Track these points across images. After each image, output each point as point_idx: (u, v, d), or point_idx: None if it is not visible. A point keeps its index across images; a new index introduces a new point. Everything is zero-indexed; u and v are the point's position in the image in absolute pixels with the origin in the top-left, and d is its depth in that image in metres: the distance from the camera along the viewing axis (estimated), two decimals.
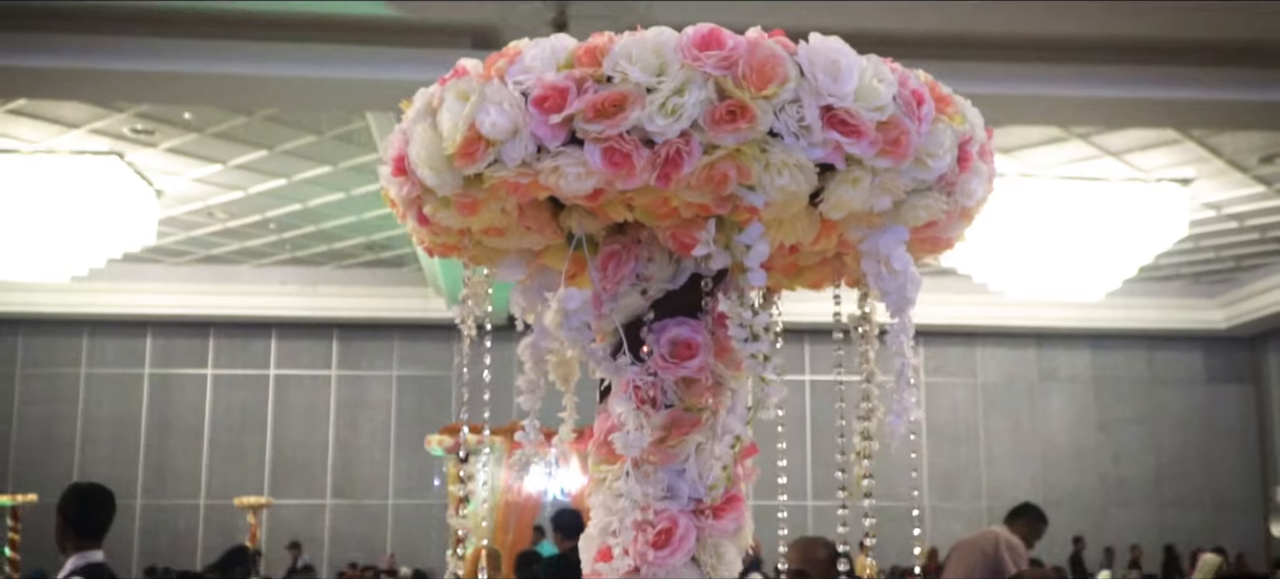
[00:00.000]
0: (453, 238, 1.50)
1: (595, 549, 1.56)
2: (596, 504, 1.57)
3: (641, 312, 1.48)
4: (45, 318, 15.01)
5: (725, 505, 1.53)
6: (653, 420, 1.45)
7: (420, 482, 15.41)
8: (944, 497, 16.04)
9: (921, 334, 11.64)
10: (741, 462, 1.60)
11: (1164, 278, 14.39)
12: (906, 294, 1.38)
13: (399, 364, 16.10)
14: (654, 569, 1.49)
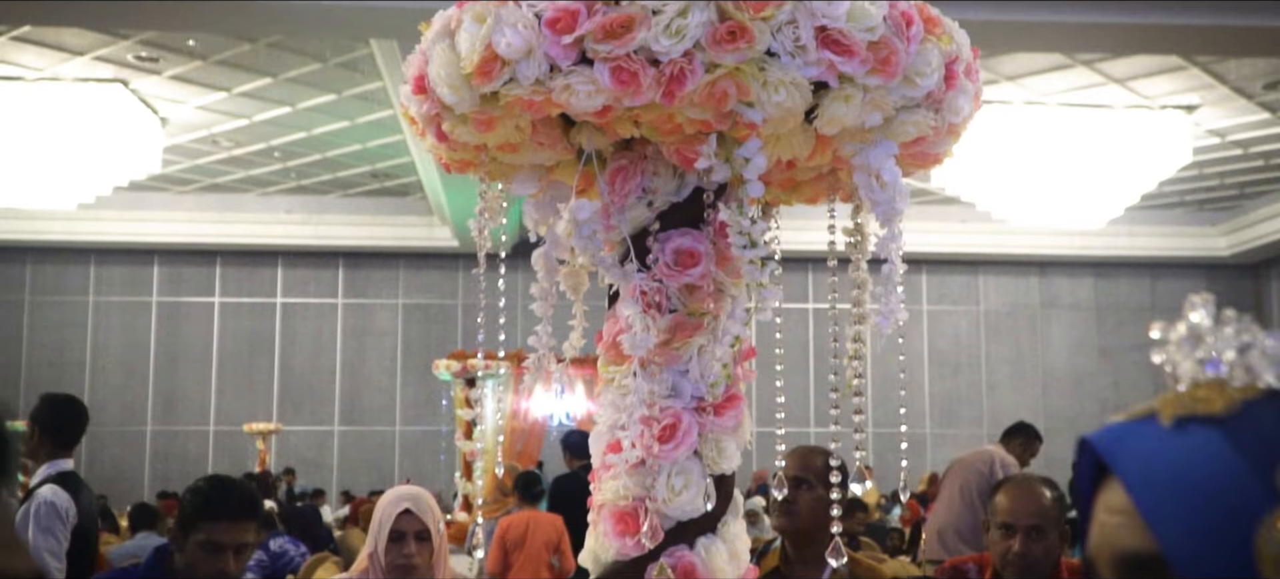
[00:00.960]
0: (469, 153, 1.59)
1: (604, 444, 1.68)
2: (605, 402, 1.68)
3: (647, 222, 1.58)
4: (52, 246, 15.11)
5: (726, 403, 1.65)
6: (658, 324, 1.56)
7: (427, 408, 15.60)
8: (945, 424, 16.22)
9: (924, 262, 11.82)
10: (741, 362, 1.71)
11: (1167, 205, 14.42)
12: (896, 205, 1.48)
13: (405, 292, 16.21)
14: (659, 461, 1.60)
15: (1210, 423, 0.53)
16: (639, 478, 1.63)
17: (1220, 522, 0.49)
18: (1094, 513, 0.55)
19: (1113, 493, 0.54)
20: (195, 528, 2.33)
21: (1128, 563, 0.53)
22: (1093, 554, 0.55)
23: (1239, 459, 0.51)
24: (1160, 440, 0.53)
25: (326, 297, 16.19)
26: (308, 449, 15.79)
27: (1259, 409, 0.52)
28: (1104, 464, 0.54)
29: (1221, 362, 0.54)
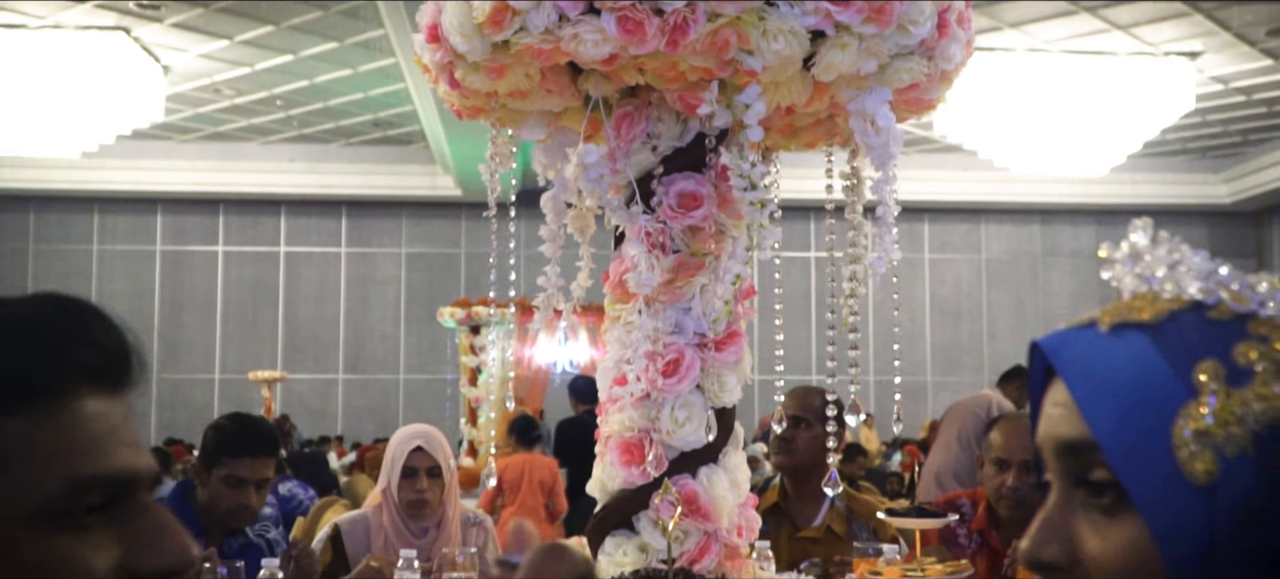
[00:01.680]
0: (481, 100, 1.65)
1: (611, 378, 1.76)
2: (612, 339, 1.76)
3: (652, 166, 1.65)
4: (56, 194, 15.15)
5: (727, 339, 1.73)
6: (662, 263, 1.63)
7: (431, 356, 15.71)
8: (946, 372, 16.32)
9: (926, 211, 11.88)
10: (741, 301, 1.79)
11: (1170, 153, 14.41)
12: (890, 150, 1.54)
13: (408, 241, 16.26)
14: (663, 394, 1.69)
15: (1140, 328, 0.60)
16: (644, 410, 1.71)
17: (1143, 411, 0.57)
18: (1042, 407, 0.63)
19: (1057, 389, 0.62)
20: (218, 463, 2.42)
21: (1066, 448, 0.61)
22: (1040, 443, 0.63)
23: (1162, 359, 0.58)
24: (1097, 343, 0.61)
25: (329, 245, 16.24)
26: (313, 397, 15.92)
27: (1183, 318, 0.60)
28: (1051, 366, 0.62)
29: (1155, 277, 0.62)
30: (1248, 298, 0.60)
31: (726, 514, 1.76)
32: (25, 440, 0.62)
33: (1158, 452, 0.56)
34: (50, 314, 0.66)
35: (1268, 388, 0.56)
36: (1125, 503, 0.57)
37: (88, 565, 0.63)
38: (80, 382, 0.65)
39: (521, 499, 6.26)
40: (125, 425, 0.66)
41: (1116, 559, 0.57)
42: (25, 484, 0.62)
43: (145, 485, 0.67)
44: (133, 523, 0.65)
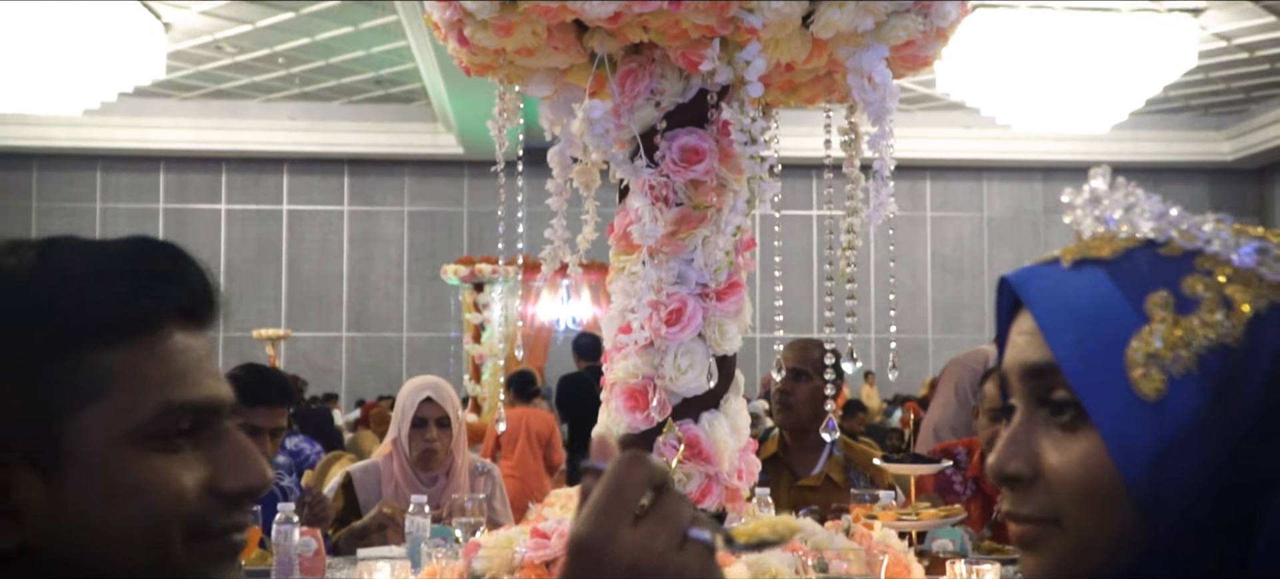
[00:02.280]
0: (489, 57, 1.70)
1: (616, 327, 1.82)
2: (617, 289, 1.82)
3: (655, 122, 1.70)
4: (58, 152, 15.15)
5: (727, 289, 1.79)
6: (665, 216, 1.69)
7: (434, 314, 15.78)
8: (947, 329, 16.37)
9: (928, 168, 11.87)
10: (742, 252, 1.85)
11: (1172, 110, 14.38)
12: (886, 105, 1.59)
13: (410, 199, 16.27)
14: (666, 343, 1.75)
15: (1099, 263, 0.67)
16: (648, 358, 1.78)
17: (1101, 336, 0.64)
18: (1009, 337, 0.69)
19: (1023, 319, 0.69)
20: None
21: (1031, 371, 0.67)
22: (1006, 369, 0.69)
23: (1118, 290, 0.65)
24: (1060, 276, 0.68)
25: (332, 204, 16.26)
26: (317, 355, 16.01)
27: (1137, 254, 0.67)
28: (1018, 299, 0.68)
29: (1112, 218, 0.68)
30: (1195, 236, 0.66)
31: (727, 458, 1.84)
32: (125, 369, 0.69)
33: (1113, 372, 0.62)
34: (146, 256, 0.73)
35: (1212, 316, 0.63)
36: (1083, 420, 0.64)
37: (178, 482, 0.69)
38: (172, 318, 0.72)
39: (519, 451, 6.36)
40: (208, 358, 0.73)
41: (1074, 470, 0.63)
42: (124, 408, 0.68)
43: (226, 413, 0.74)
44: (216, 446, 0.72)
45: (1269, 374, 0.61)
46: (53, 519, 0.67)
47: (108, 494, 0.67)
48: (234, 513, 0.73)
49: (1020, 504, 0.67)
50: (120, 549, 0.67)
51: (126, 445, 0.68)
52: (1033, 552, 0.67)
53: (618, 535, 0.60)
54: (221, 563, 0.72)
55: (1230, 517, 0.60)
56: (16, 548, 0.66)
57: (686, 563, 0.60)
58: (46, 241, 0.72)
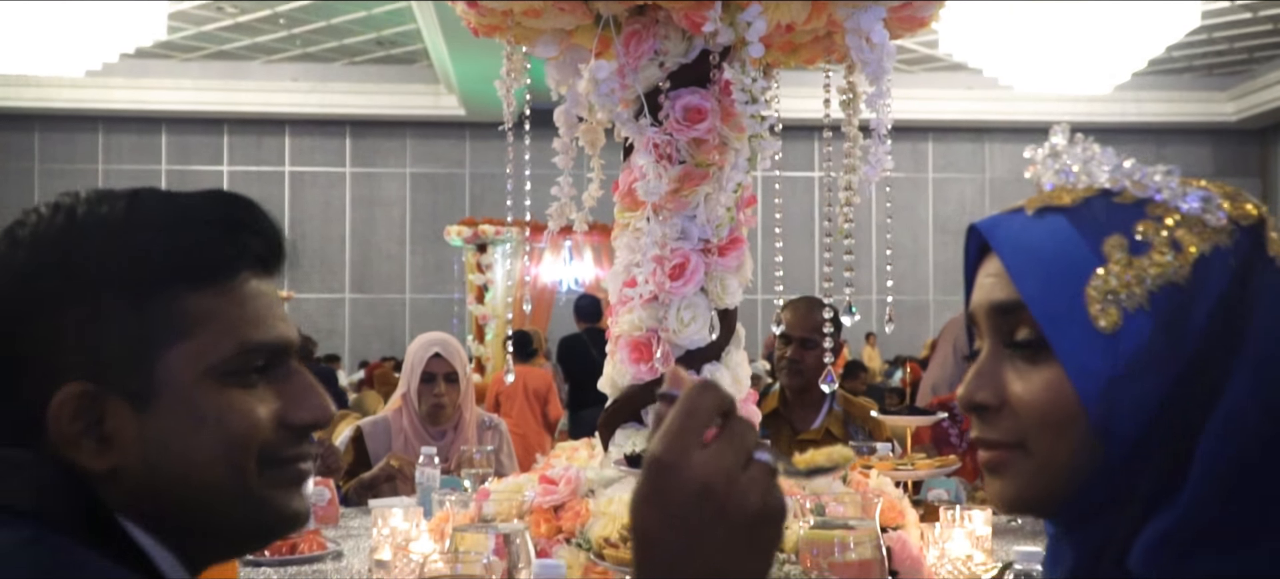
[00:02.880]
0: (497, 18, 1.74)
1: (621, 281, 1.88)
2: (621, 244, 1.88)
3: (659, 82, 1.75)
4: (61, 114, 15.15)
5: (729, 245, 1.85)
6: (669, 173, 1.74)
7: (437, 276, 15.83)
8: (949, 291, 16.42)
9: (930, 130, 11.85)
10: (742, 209, 1.90)
11: (1175, 71, 14.35)
12: (883, 66, 1.64)
13: (412, 161, 16.26)
14: (670, 296, 1.81)
15: (1060, 211, 0.73)
16: (652, 311, 1.84)
17: (1062, 276, 0.70)
18: (977, 280, 0.76)
19: (990, 262, 0.75)
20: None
21: (998, 309, 0.74)
22: (974, 309, 0.76)
23: (1078, 234, 0.71)
24: (1025, 223, 0.74)
25: (334, 166, 16.26)
26: (320, 316, 16.08)
27: (1094, 203, 0.73)
28: (985, 244, 0.75)
29: (1071, 171, 0.75)
30: (1146, 186, 0.73)
31: None
32: (207, 312, 0.76)
33: (1074, 308, 0.69)
34: (226, 208, 0.79)
35: (1162, 256, 0.69)
36: (1045, 353, 0.70)
37: (253, 415, 0.76)
38: (248, 266, 0.79)
39: (518, 409, 6.45)
40: (278, 303, 0.80)
41: (1038, 397, 0.70)
42: (206, 347, 0.75)
43: (294, 353, 0.81)
44: (286, 383, 0.79)
45: (1212, 309, 0.68)
46: (142, 446, 0.74)
47: (191, 424, 0.74)
48: (301, 443, 0.80)
49: (988, 430, 0.73)
50: (201, 473, 0.74)
51: (208, 380, 0.75)
52: (999, 476, 0.74)
53: (690, 455, 0.66)
54: (290, 488, 0.79)
55: (1174, 437, 0.66)
56: (109, 470, 0.73)
57: (752, 481, 0.66)
58: (133, 193, 0.79)
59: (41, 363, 0.74)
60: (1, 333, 0.75)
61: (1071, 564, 0.72)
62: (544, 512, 1.91)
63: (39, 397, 0.73)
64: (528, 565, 1.66)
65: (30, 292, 0.74)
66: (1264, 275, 0.69)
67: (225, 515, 0.76)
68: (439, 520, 1.96)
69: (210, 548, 0.79)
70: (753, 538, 0.66)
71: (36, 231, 0.76)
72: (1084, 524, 0.71)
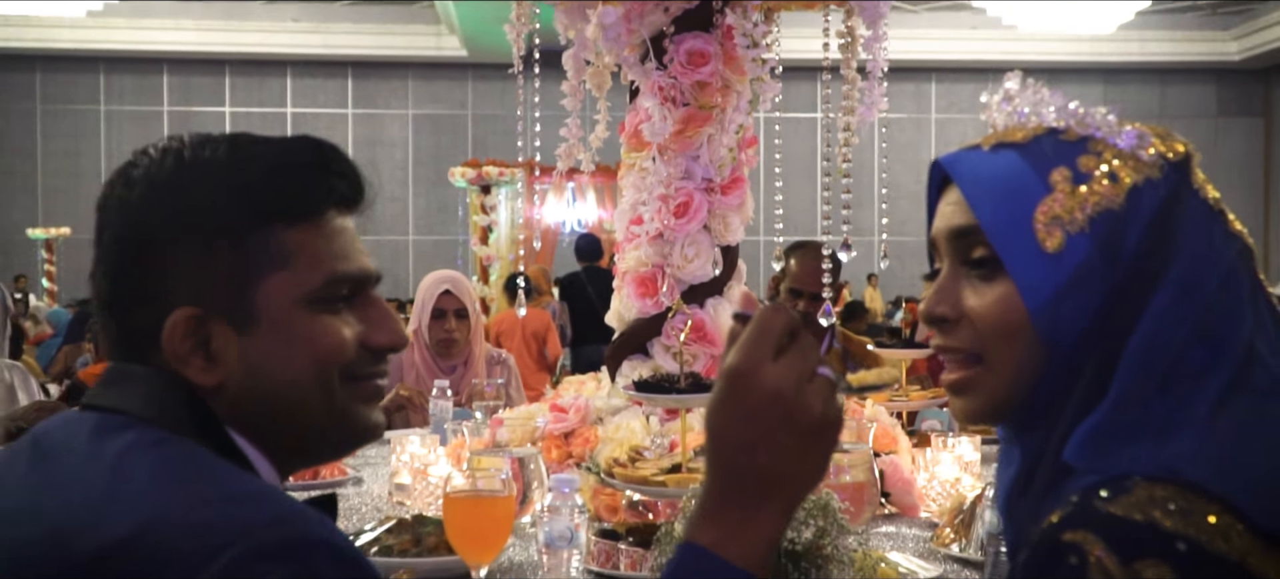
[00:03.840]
0: None
1: (628, 219, 1.96)
2: (628, 184, 1.96)
3: (664, 26, 1.82)
4: (62, 54, 15.10)
5: (731, 184, 1.93)
6: (673, 115, 1.82)
7: (439, 217, 15.87)
8: None
9: (933, 70, 11.85)
10: (744, 149, 1.98)
11: (1179, 10, 14.27)
12: (879, 9, 1.70)
13: (414, 102, 16.23)
14: (674, 233, 1.90)
15: (1013, 146, 0.83)
16: (657, 247, 1.93)
17: (1013, 202, 0.79)
18: (938, 208, 0.84)
19: (950, 192, 0.85)
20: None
21: (957, 233, 0.83)
22: (935, 235, 0.85)
23: (1028, 167, 0.80)
24: (982, 157, 0.83)
25: (336, 106, 16.23)
26: None
27: (1043, 139, 0.82)
28: (946, 178, 0.83)
29: (1023, 111, 0.85)
30: (1089, 125, 0.82)
31: None
32: (300, 246, 0.85)
33: (1024, 231, 0.78)
34: (316, 152, 0.88)
35: (1100, 187, 0.78)
36: (998, 271, 0.79)
37: (339, 336, 0.85)
38: (336, 205, 0.88)
39: (516, 348, 6.58)
40: (358, 238, 0.89)
41: (991, 310, 0.79)
42: (300, 277, 0.84)
43: (373, 283, 0.90)
44: (367, 309, 0.89)
45: (1142, 232, 0.77)
46: (243, 363, 0.83)
47: (285, 345, 0.84)
48: (379, 363, 0.89)
49: (946, 340, 0.83)
50: (293, 388, 0.84)
51: (301, 306, 0.84)
52: (963, 395, 0.83)
53: (763, 366, 0.75)
54: (368, 403, 0.89)
55: (1106, 344, 0.76)
56: (215, 385, 0.83)
57: (815, 391, 0.76)
58: (232, 137, 0.87)
59: (156, 290, 0.83)
60: (120, 264, 0.84)
61: (1019, 463, 0.82)
62: (555, 438, 2.01)
63: (154, 320, 0.82)
64: (541, 486, 1.76)
65: (146, 228, 0.84)
66: (1188, 204, 0.78)
67: (312, 425, 0.86)
68: (455, 447, 2.06)
69: (299, 454, 0.89)
70: (815, 441, 0.76)
71: (149, 173, 0.85)
72: (1030, 427, 0.80)
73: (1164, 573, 0.66)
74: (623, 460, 1.64)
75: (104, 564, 0.71)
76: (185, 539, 0.71)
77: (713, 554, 0.75)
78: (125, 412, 0.81)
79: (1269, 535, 0.69)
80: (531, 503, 1.76)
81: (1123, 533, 0.67)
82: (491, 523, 1.47)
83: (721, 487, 0.77)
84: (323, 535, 0.74)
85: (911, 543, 1.82)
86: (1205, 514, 0.68)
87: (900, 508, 2.01)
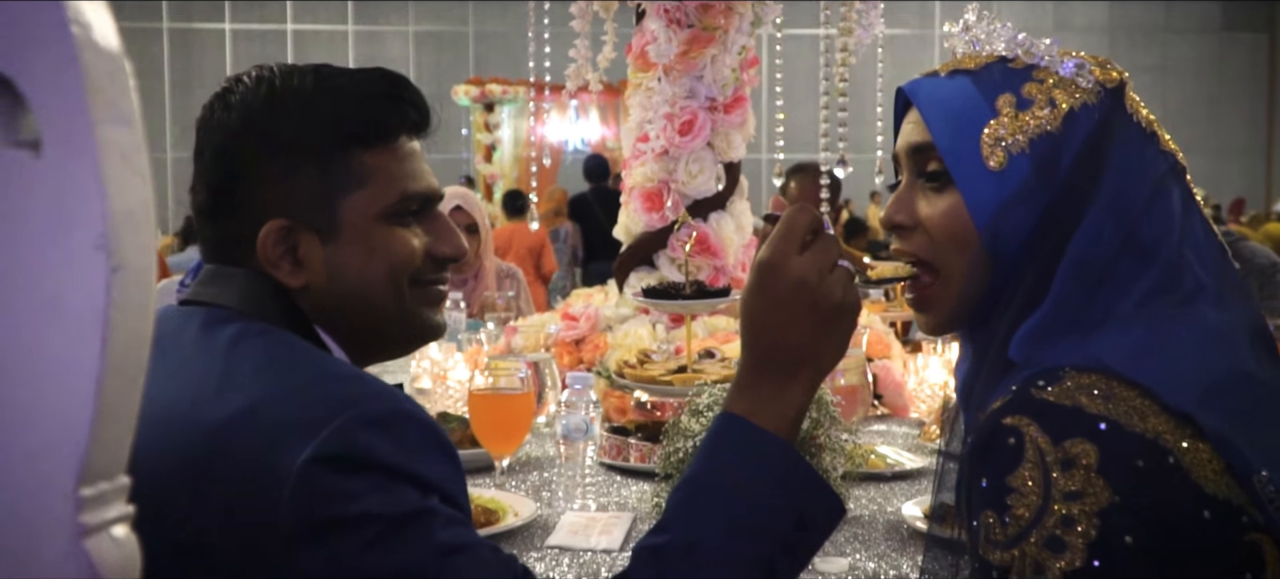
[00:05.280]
0: None
1: (634, 137, 2.06)
2: (635, 103, 2.05)
3: None
4: None
5: (733, 103, 2.02)
6: (678, 36, 1.90)
7: (443, 135, 15.63)
8: None
9: None
10: (746, 69, 2.06)
11: None
12: None
13: (416, 20, 16.11)
14: (679, 150, 1.99)
15: (966, 73, 0.91)
16: (663, 164, 2.02)
17: (964, 123, 0.88)
18: (901, 127, 0.94)
19: (911, 113, 0.94)
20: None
21: (914, 149, 0.92)
22: (897, 151, 0.95)
23: (978, 91, 0.89)
24: (939, 81, 0.92)
25: (337, 23, 16.11)
26: None
27: (993, 67, 0.90)
28: (908, 100, 0.93)
29: (978, 41, 0.93)
30: (1034, 55, 0.90)
31: (732, 252, 2.10)
32: (377, 166, 0.96)
33: (972, 149, 0.87)
34: (389, 83, 0.98)
35: (1041, 111, 0.87)
36: (949, 185, 0.88)
37: (409, 246, 0.97)
38: (408, 130, 0.99)
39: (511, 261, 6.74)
40: (424, 160, 1.00)
41: (942, 219, 0.88)
42: (377, 194, 0.96)
43: (438, 201, 1.01)
44: (432, 223, 1.00)
45: (1077, 152, 0.86)
46: (326, 269, 0.95)
47: (363, 253, 0.95)
48: (442, 271, 1.01)
49: (903, 244, 0.92)
50: (369, 290, 0.96)
51: (377, 220, 0.96)
52: (925, 310, 0.93)
53: (790, 257, 0.86)
54: (432, 305, 1.01)
55: (1044, 253, 0.85)
56: (302, 287, 0.95)
57: (836, 280, 0.87)
58: (317, 69, 0.98)
59: (250, 203, 0.94)
60: (220, 180, 0.96)
61: (972, 360, 0.93)
62: (566, 344, 2.13)
63: (248, 229, 0.94)
64: (555, 387, 1.88)
65: (243, 149, 0.95)
66: (1121, 127, 0.87)
67: (384, 323, 0.98)
68: (472, 353, 2.18)
69: (372, 349, 1.01)
70: (835, 322, 0.88)
71: (245, 99, 0.95)
72: (980, 328, 0.90)
73: (1088, 449, 0.75)
74: (632, 362, 1.76)
75: (224, 434, 0.82)
76: (297, 411, 0.82)
77: (747, 422, 0.87)
78: (226, 307, 0.93)
79: (1180, 414, 0.78)
80: (546, 404, 1.88)
81: (1054, 416, 0.76)
82: (512, 417, 1.59)
83: (754, 364, 0.88)
84: (410, 409, 0.86)
85: (901, 439, 1.95)
86: (1124, 398, 0.78)
87: (892, 408, 2.13)
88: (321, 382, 0.86)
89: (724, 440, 0.88)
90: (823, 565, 1.33)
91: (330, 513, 0.78)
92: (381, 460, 0.81)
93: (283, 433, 0.80)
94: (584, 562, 1.34)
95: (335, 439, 0.80)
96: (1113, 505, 0.74)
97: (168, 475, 0.81)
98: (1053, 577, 0.74)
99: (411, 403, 0.87)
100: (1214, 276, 0.86)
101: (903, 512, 1.51)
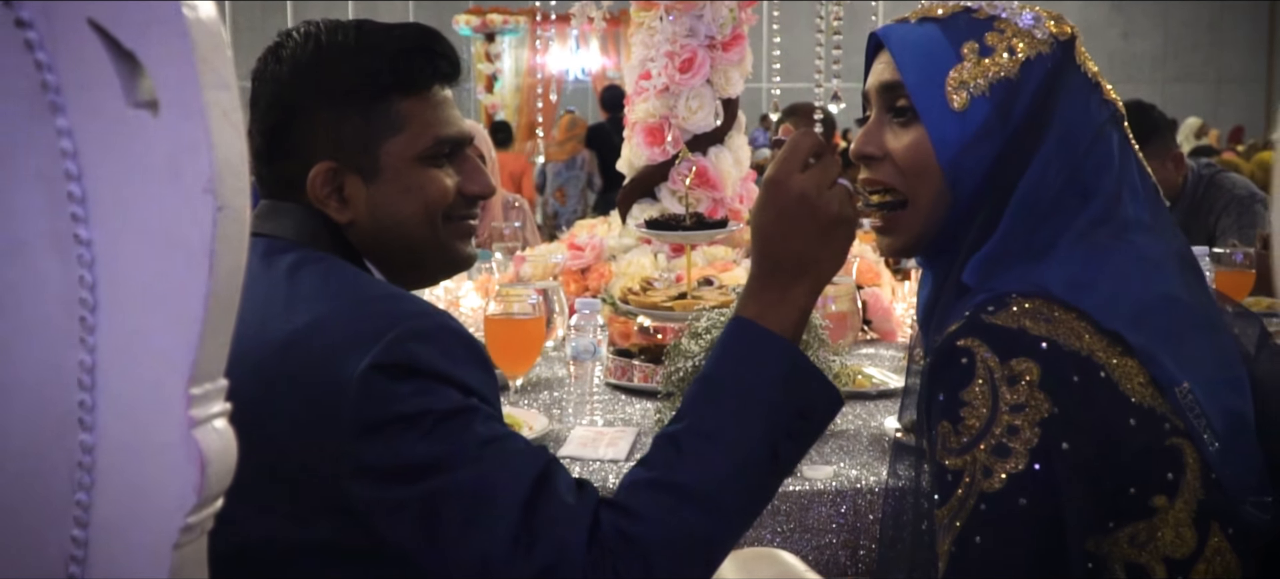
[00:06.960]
0: None
1: (637, 74, 2.15)
2: (637, 41, 2.14)
3: None
4: None
5: (731, 41, 2.11)
6: None
7: None
8: None
9: None
10: (744, 7, 2.15)
11: None
12: None
13: None
14: (679, 87, 2.09)
15: (934, 20, 1.00)
16: (664, 100, 2.12)
17: (930, 65, 0.97)
18: (872, 68, 1.03)
19: (883, 55, 1.02)
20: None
21: (885, 87, 0.99)
22: (868, 88, 1.03)
23: (944, 37, 0.98)
24: (909, 27, 1.01)
25: None
26: None
27: (959, 16, 0.98)
28: (880, 44, 1.02)
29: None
30: (996, 6, 1.00)
31: (730, 185, 2.21)
32: (413, 113, 1.06)
33: (937, 90, 0.96)
34: (423, 36, 1.08)
35: (1001, 58, 0.95)
36: (914, 121, 0.97)
37: (443, 185, 1.08)
38: (441, 80, 1.09)
39: None
40: (455, 106, 1.11)
41: (908, 152, 0.98)
42: (413, 139, 1.06)
43: (467, 144, 1.12)
44: (463, 164, 1.11)
45: (1032, 97, 0.95)
46: (369, 206, 1.06)
47: (402, 192, 1.07)
48: (472, 207, 1.13)
49: (872, 173, 1.02)
50: (407, 225, 1.08)
51: (413, 162, 1.07)
52: (889, 234, 1.03)
53: (792, 175, 0.96)
54: (463, 239, 1.13)
55: (999, 188, 0.95)
56: (348, 222, 1.07)
57: (834, 195, 0.96)
58: (358, 25, 1.08)
59: (301, 147, 1.05)
60: (274, 126, 1.06)
61: (931, 286, 1.03)
62: (573, 273, 2.25)
63: (299, 170, 1.05)
64: (562, 313, 2.00)
65: (294, 99, 1.05)
66: (1071, 76, 0.96)
67: (422, 254, 1.09)
68: (482, 281, 2.29)
69: (411, 277, 1.12)
70: (834, 233, 0.97)
71: (294, 54, 1.06)
72: (939, 257, 1.00)
73: (1031, 366, 0.85)
74: (635, 290, 1.87)
75: (293, 346, 0.94)
76: (355, 325, 0.93)
77: (756, 324, 0.98)
78: (284, 238, 1.04)
79: (1112, 333, 0.89)
80: (554, 328, 2.00)
81: (1001, 337, 0.86)
82: (525, 339, 1.71)
83: (762, 272, 0.99)
84: (452, 325, 0.97)
85: (887, 361, 2.07)
86: (1063, 321, 0.88)
87: (880, 333, 2.25)
88: (374, 301, 0.97)
89: (735, 340, 0.98)
90: (810, 472, 1.45)
91: (387, 412, 0.90)
92: (429, 367, 0.92)
93: (343, 345, 0.92)
94: (593, 470, 1.46)
95: (389, 350, 0.91)
96: (1052, 416, 0.84)
97: (242, 381, 0.93)
98: (999, 477, 0.85)
99: (453, 320, 0.99)
100: (1149, 212, 0.96)
101: (885, 424, 1.63)
